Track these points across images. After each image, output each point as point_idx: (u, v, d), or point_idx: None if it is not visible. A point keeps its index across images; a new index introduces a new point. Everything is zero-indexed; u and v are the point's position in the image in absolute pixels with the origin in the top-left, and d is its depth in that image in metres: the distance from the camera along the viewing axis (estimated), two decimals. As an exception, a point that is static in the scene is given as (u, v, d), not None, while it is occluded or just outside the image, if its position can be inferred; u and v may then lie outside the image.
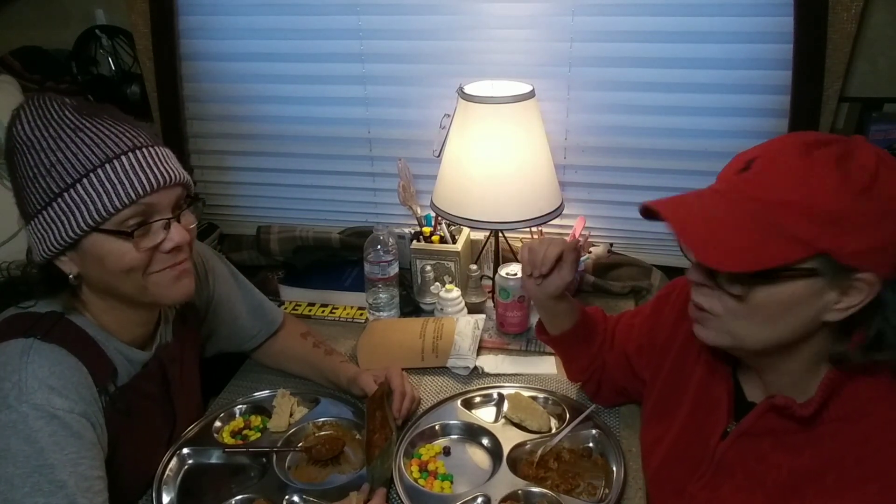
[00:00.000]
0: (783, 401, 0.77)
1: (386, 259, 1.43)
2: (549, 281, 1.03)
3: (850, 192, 0.66)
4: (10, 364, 0.83)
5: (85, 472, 0.83)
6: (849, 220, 0.66)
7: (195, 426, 1.14)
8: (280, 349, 1.30)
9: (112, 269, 0.87)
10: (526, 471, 1.03)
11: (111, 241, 0.86)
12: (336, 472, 1.06)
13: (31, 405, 0.81)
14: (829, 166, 0.67)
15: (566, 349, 1.17)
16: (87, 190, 0.83)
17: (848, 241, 0.67)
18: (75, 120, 0.85)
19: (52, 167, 0.83)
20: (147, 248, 0.88)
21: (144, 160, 0.86)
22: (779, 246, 0.68)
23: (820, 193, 0.67)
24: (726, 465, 0.84)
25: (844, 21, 1.28)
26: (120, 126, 0.87)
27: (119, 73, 1.78)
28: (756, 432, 0.81)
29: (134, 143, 0.87)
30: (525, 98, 1.33)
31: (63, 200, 0.84)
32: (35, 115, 0.86)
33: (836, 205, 0.66)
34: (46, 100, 0.87)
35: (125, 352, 0.97)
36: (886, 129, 1.40)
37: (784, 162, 0.70)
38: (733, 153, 0.77)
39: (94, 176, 0.83)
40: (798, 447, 0.77)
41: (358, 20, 1.55)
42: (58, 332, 0.88)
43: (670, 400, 0.96)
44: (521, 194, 1.36)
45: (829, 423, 0.75)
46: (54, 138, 0.84)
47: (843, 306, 0.70)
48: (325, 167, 1.75)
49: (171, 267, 0.92)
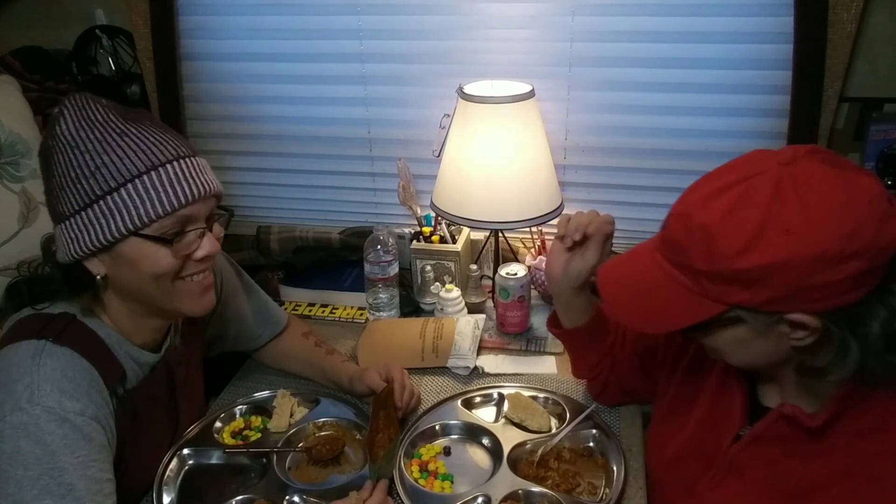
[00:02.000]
0: (791, 410, 0.77)
1: (386, 259, 1.43)
2: (573, 265, 1.02)
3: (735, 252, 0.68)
4: (23, 366, 0.84)
5: (94, 475, 0.83)
6: (742, 279, 0.68)
7: (196, 427, 1.14)
8: (282, 349, 1.31)
9: (145, 272, 0.89)
10: (526, 470, 1.03)
11: (148, 245, 0.87)
12: (336, 472, 1.06)
13: (42, 408, 0.81)
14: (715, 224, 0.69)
15: (578, 344, 1.15)
16: (131, 195, 0.84)
17: (753, 293, 0.68)
18: (120, 124, 0.86)
19: (96, 169, 0.83)
20: (181, 256, 0.90)
21: (186, 170, 0.88)
22: (692, 305, 0.73)
23: (710, 258, 0.70)
24: (737, 468, 0.84)
25: (844, 21, 1.28)
26: (162, 134, 0.89)
27: (119, 74, 1.78)
28: (768, 438, 0.81)
29: (177, 153, 0.88)
30: (525, 98, 1.33)
31: (105, 203, 0.84)
32: (78, 115, 0.86)
33: (725, 267, 0.69)
34: (88, 100, 0.87)
35: (135, 355, 0.97)
36: (886, 129, 1.40)
37: (684, 222, 0.73)
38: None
39: (140, 182, 0.84)
40: (809, 456, 0.77)
41: (358, 20, 1.55)
42: (70, 335, 0.89)
43: (684, 399, 0.96)
44: (521, 194, 1.36)
45: (841, 435, 0.75)
46: (100, 140, 0.84)
47: (797, 338, 0.71)
48: (325, 167, 1.75)
49: (197, 274, 0.94)
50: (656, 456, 1.00)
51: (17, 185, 1.46)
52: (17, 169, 1.47)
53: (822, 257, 0.65)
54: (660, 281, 0.76)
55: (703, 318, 0.73)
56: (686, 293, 0.74)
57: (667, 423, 1.00)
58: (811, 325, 0.68)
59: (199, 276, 0.94)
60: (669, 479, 0.96)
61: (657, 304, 0.77)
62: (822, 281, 0.65)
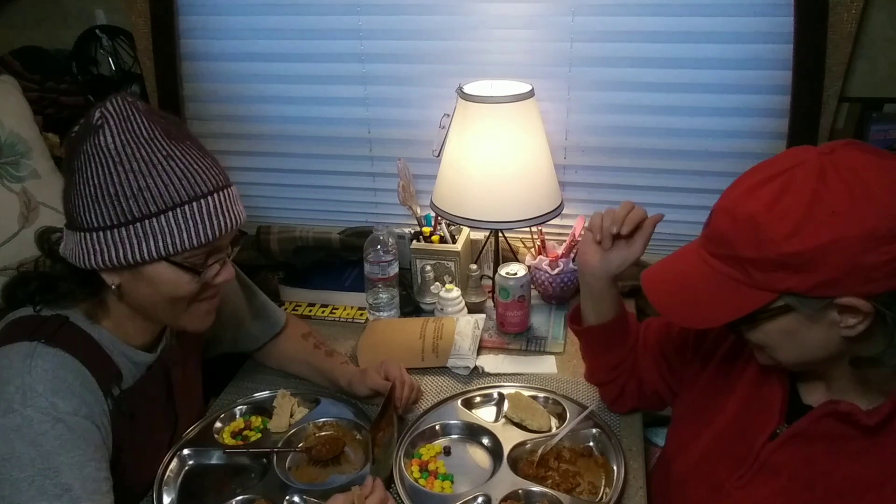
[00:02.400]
0: (847, 407, 0.76)
1: (386, 259, 1.43)
2: (615, 253, 0.99)
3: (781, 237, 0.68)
4: (14, 367, 0.83)
5: (91, 474, 0.83)
6: (790, 264, 0.68)
7: (196, 427, 1.14)
8: (281, 350, 1.30)
9: (164, 294, 0.90)
10: (526, 470, 1.03)
11: (174, 271, 0.88)
12: (336, 472, 1.06)
13: (35, 408, 0.81)
14: (761, 212, 0.70)
15: (601, 342, 1.10)
16: (170, 223, 0.84)
17: (801, 279, 0.68)
18: (166, 144, 0.85)
19: (139, 192, 0.82)
20: (201, 284, 0.92)
21: (223, 203, 0.89)
22: (742, 297, 0.73)
23: (756, 245, 0.70)
24: (771, 466, 0.83)
25: (844, 21, 1.28)
26: (205, 160, 0.88)
27: (119, 73, 1.78)
28: (810, 435, 0.80)
29: (217, 183, 0.88)
30: (525, 98, 1.33)
31: (142, 226, 0.84)
32: (123, 127, 0.83)
33: (773, 252, 0.69)
34: (131, 109, 0.84)
35: (130, 355, 0.97)
36: (886, 129, 1.40)
37: (729, 215, 0.74)
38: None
39: (181, 211, 0.84)
40: (856, 453, 0.76)
41: (358, 20, 1.55)
42: (62, 336, 0.88)
43: (713, 397, 0.95)
44: (520, 194, 1.36)
45: (893, 433, 0.74)
46: (146, 161, 0.83)
47: (849, 325, 0.70)
48: (325, 167, 1.75)
49: (209, 299, 0.96)
50: (680, 457, 0.97)
51: (17, 185, 1.46)
52: (17, 169, 1.47)
53: (870, 237, 0.65)
54: (707, 276, 0.76)
55: (753, 309, 0.73)
56: (734, 285, 0.74)
57: (691, 423, 0.98)
58: (863, 308, 0.68)
59: (207, 304, 0.97)
60: (695, 480, 0.93)
61: (706, 299, 0.77)
62: (871, 261, 0.65)
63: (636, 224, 0.97)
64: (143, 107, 0.86)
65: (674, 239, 1.55)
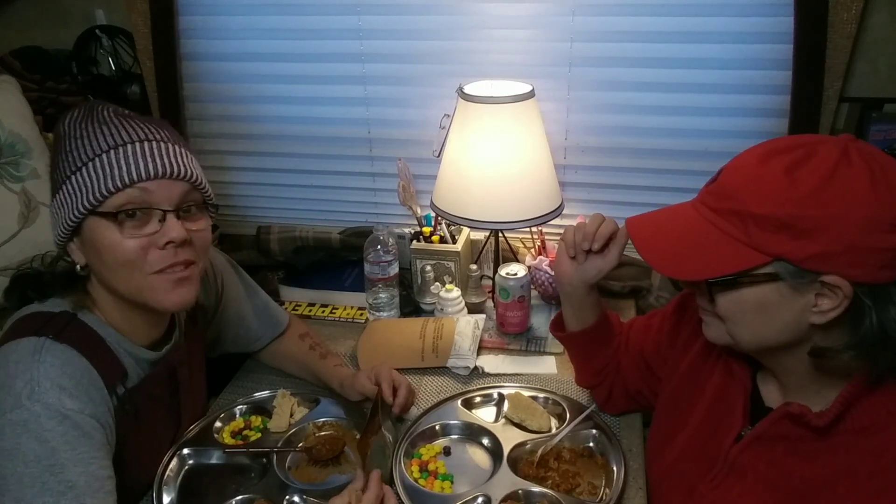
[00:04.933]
0: (798, 409, 0.76)
1: (386, 259, 1.43)
2: (591, 263, 1.00)
3: (795, 198, 0.68)
4: (23, 363, 0.84)
5: (95, 472, 0.83)
6: (796, 226, 0.68)
7: (196, 426, 1.14)
8: (279, 351, 1.31)
9: (108, 261, 0.87)
10: (526, 470, 1.03)
11: (104, 227, 0.86)
12: (336, 472, 1.06)
13: (42, 404, 0.81)
14: (777, 173, 0.70)
15: (585, 346, 1.12)
16: (90, 173, 0.85)
17: (800, 245, 0.68)
18: (108, 117, 0.88)
19: (68, 153, 0.87)
20: (137, 237, 0.86)
21: (150, 151, 0.87)
22: (732, 254, 0.72)
23: (767, 201, 0.70)
24: (739, 467, 0.84)
25: (844, 21, 1.28)
26: (144, 123, 0.89)
27: (119, 73, 1.78)
28: (770, 437, 0.81)
29: (146, 136, 0.88)
30: (525, 98, 1.33)
31: (69, 184, 0.86)
32: (78, 114, 0.89)
33: (782, 211, 0.69)
34: (96, 104, 0.90)
35: (135, 353, 0.97)
36: (886, 129, 1.40)
37: (743, 171, 0.74)
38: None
39: (99, 160, 0.85)
40: (812, 455, 0.77)
41: (358, 20, 1.55)
42: (69, 333, 0.88)
43: (685, 399, 0.95)
44: (520, 194, 1.36)
45: (844, 434, 0.75)
46: (82, 129, 0.87)
47: (822, 309, 0.71)
48: (325, 167, 1.75)
49: (171, 267, 0.89)
50: (657, 459, 1.00)
51: (17, 185, 1.46)
52: (17, 169, 1.47)
53: (878, 220, 0.66)
54: (700, 229, 0.76)
55: (742, 268, 0.72)
56: (728, 241, 0.73)
57: (666, 425, 0.99)
58: (844, 291, 0.68)
59: (170, 273, 0.90)
60: (670, 482, 0.95)
61: (695, 252, 0.76)
62: (870, 244, 0.66)
63: (607, 238, 0.98)
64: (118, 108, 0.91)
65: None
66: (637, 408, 1.16)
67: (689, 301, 1.01)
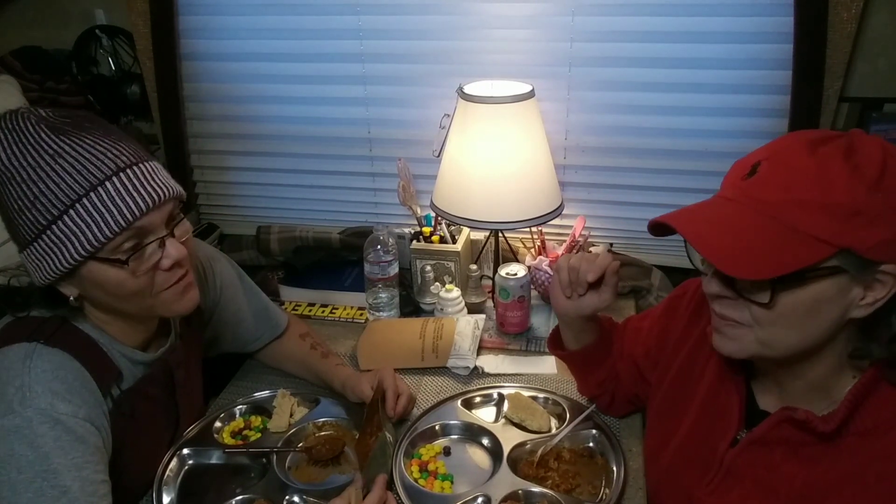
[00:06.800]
0: (804, 415, 0.75)
1: (386, 259, 1.43)
2: (585, 302, 1.00)
3: (863, 184, 0.66)
4: (14, 368, 0.83)
5: (89, 476, 0.83)
6: (865, 213, 0.66)
7: (195, 426, 1.14)
8: (280, 351, 1.30)
9: (115, 293, 0.87)
10: (526, 471, 1.03)
11: (107, 268, 0.84)
12: (336, 472, 1.06)
13: (35, 410, 0.81)
14: (838, 161, 0.67)
15: (585, 362, 1.12)
16: (76, 220, 0.80)
17: (868, 234, 0.66)
18: (53, 143, 0.80)
19: (35, 199, 0.79)
20: (145, 271, 0.86)
21: (131, 182, 0.82)
22: (800, 247, 0.67)
23: (834, 189, 0.66)
24: (735, 472, 0.83)
25: (844, 21, 1.28)
26: (100, 144, 0.82)
27: (119, 73, 1.78)
28: (768, 441, 0.80)
29: (117, 164, 0.82)
30: (525, 98, 1.33)
31: (52, 232, 0.81)
32: (10, 140, 0.80)
33: (852, 199, 0.66)
34: (19, 120, 0.81)
35: (130, 355, 0.96)
36: (886, 129, 1.40)
37: (792, 162, 0.70)
38: (733, 153, 0.78)
39: (81, 205, 0.80)
40: (814, 459, 0.76)
41: (358, 20, 1.55)
42: (61, 337, 0.88)
43: (677, 403, 0.95)
44: (520, 194, 1.36)
45: (849, 436, 0.74)
46: (34, 167, 0.79)
47: (868, 301, 0.69)
48: (325, 167, 1.75)
49: (175, 283, 0.90)
50: (653, 462, 0.99)
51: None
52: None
53: None
54: (758, 224, 0.70)
55: (813, 261, 0.67)
56: (794, 234, 0.68)
57: (660, 428, 0.98)
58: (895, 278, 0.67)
59: (176, 286, 0.90)
60: (667, 487, 0.95)
61: (758, 246, 0.69)
62: None
63: (587, 286, 0.97)
64: (43, 113, 0.82)
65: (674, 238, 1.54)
66: (638, 410, 1.16)
67: (678, 303, 1.01)
